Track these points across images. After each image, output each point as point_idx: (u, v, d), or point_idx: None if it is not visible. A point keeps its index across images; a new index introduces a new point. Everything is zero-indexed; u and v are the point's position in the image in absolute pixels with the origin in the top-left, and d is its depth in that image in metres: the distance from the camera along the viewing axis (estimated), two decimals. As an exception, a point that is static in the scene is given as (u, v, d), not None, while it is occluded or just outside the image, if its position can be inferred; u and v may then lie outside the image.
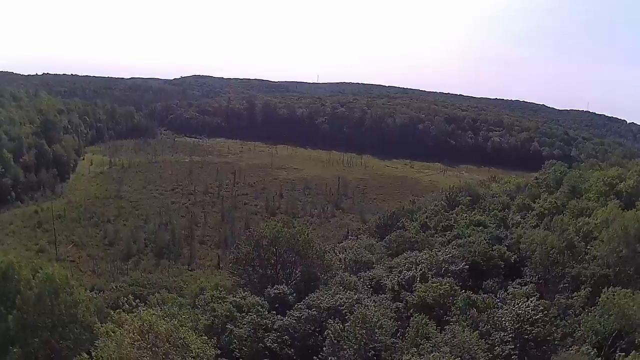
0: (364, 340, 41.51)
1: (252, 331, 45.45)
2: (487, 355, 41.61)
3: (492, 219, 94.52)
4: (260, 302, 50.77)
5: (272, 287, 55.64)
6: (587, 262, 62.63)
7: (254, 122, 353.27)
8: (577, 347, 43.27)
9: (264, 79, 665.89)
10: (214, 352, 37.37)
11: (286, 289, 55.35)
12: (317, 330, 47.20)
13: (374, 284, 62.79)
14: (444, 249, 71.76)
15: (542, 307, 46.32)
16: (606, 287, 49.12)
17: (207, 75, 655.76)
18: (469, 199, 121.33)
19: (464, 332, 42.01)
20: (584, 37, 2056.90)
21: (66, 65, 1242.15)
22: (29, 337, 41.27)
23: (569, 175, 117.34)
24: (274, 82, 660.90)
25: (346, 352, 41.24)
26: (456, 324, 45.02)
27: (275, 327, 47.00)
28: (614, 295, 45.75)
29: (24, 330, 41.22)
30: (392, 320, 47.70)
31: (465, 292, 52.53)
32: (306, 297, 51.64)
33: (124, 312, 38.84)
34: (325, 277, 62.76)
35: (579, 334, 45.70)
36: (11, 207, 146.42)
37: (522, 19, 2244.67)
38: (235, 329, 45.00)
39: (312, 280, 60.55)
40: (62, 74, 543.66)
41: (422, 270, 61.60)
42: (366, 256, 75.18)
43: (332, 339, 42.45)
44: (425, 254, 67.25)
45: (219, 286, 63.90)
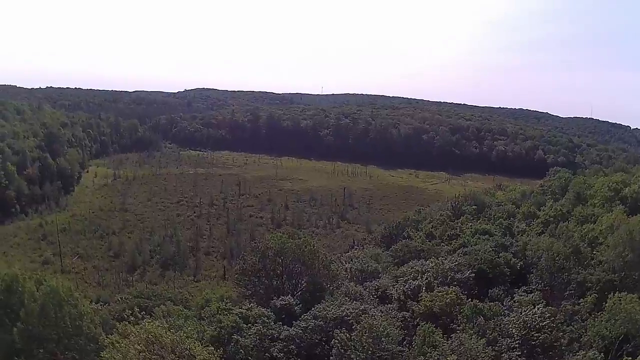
0: (371, 349, 41.33)
1: (258, 341, 45.25)
2: (494, 362, 41.45)
3: (498, 227, 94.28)
4: (266, 313, 50.53)
5: (278, 298, 55.37)
6: (593, 268, 62.45)
7: (258, 134, 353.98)
8: (584, 353, 43.12)
9: (268, 91, 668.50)
10: (220, 363, 37.30)
11: (292, 300, 55.04)
12: (324, 339, 47.01)
13: (380, 293, 62.54)
14: (450, 257, 71.53)
15: (548, 314, 46.17)
16: (612, 293, 48.92)
17: (211, 87, 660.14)
18: (475, 207, 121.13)
19: (471, 339, 41.83)
20: (587, 44, 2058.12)
21: (70, 78, 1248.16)
22: (34, 349, 41.19)
23: (573, 182, 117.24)
24: (278, 94, 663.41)
25: (353, 360, 41.12)
26: (463, 332, 44.83)
27: (281, 337, 46.82)
28: (620, 300, 45.54)
29: (29, 342, 41.17)
30: (399, 329, 47.57)
31: (471, 301, 52.32)
32: (312, 308, 51.44)
33: (130, 324, 38.82)
34: (331, 288, 62.44)
35: (586, 339, 45.53)
36: (15, 220, 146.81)
37: (525, 27, 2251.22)
38: (241, 339, 44.82)
39: (318, 290, 60.27)
40: (65, 87, 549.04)
41: (428, 279, 61.36)
42: (372, 266, 74.92)
43: (339, 348, 42.30)
44: (431, 263, 66.97)
45: (224, 297, 63.83)
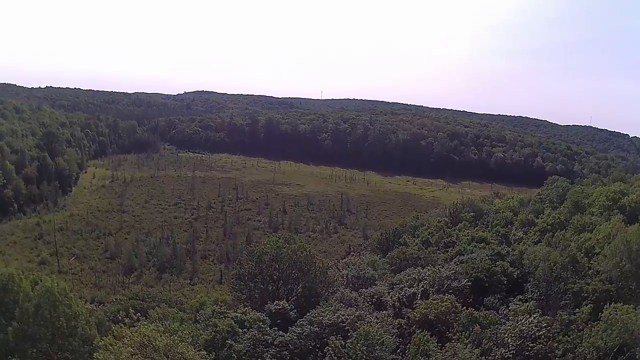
0: (364, 356, 41.17)
1: (252, 347, 45.10)
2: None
3: (495, 235, 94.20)
4: (261, 317, 50.42)
5: (272, 303, 55.27)
6: (589, 278, 62.20)
7: (257, 137, 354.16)
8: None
9: (268, 95, 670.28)
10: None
11: (287, 305, 54.92)
12: (318, 346, 46.84)
13: (375, 300, 62.42)
14: (447, 265, 71.37)
15: (544, 323, 46.00)
16: (608, 303, 48.70)
17: (211, 90, 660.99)
18: (472, 215, 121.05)
19: (465, 349, 41.66)
20: (586, 51, 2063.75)
21: (69, 79, 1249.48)
22: (28, 348, 41.15)
23: (571, 190, 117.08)
24: (277, 98, 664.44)
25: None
26: (458, 341, 44.67)
27: (275, 342, 46.64)
28: (616, 310, 45.33)
29: (23, 341, 41.09)
30: (394, 336, 47.43)
31: (467, 309, 52.16)
32: (307, 313, 51.31)
33: (125, 326, 38.66)
34: (326, 294, 62.36)
35: (581, 350, 45.24)
36: (13, 219, 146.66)
37: (524, 35, 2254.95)
38: (235, 344, 44.66)
39: (313, 296, 60.21)
40: (65, 87, 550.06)
41: (424, 286, 61.27)
42: (368, 272, 74.76)
43: (332, 355, 42.12)
44: (428, 271, 66.84)
45: (219, 301, 63.71)
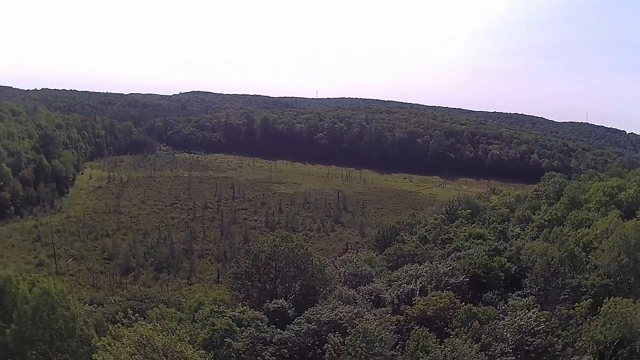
0: (363, 353, 41.11)
1: (251, 345, 44.99)
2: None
3: (492, 231, 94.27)
4: (259, 316, 50.32)
5: (270, 302, 55.20)
6: (587, 273, 62.29)
7: (253, 137, 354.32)
8: (578, 358, 42.99)
9: (263, 95, 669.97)
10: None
11: (285, 303, 54.84)
12: (317, 343, 46.78)
13: (373, 297, 62.45)
14: (444, 261, 71.40)
15: (543, 318, 46.02)
16: (607, 297, 48.76)
17: (206, 91, 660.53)
18: (469, 211, 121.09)
19: (464, 344, 41.63)
20: (583, 48, 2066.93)
21: (66, 80, 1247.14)
22: (27, 350, 41.06)
23: (568, 186, 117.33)
24: (273, 97, 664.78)
25: (345, 365, 40.90)
26: (457, 337, 44.65)
27: (274, 340, 46.56)
28: (615, 304, 45.36)
29: (22, 343, 41.00)
30: (392, 333, 47.40)
31: (465, 305, 52.14)
32: (305, 311, 51.25)
33: (123, 326, 38.62)
34: (324, 291, 62.31)
35: (580, 344, 45.32)
36: (10, 221, 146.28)
37: (520, 32, 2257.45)
38: (233, 342, 44.57)
39: (311, 294, 60.14)
40: (61, 89, 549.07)
41: (422, 283, 61.26)
42: (366, 269, 74.78)
43: (332, 352, 42.08)
44: (425, 267, 66.86)
45: (217, 300, 63.63)
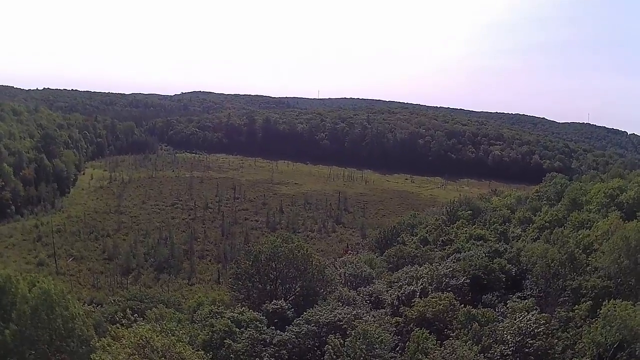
0: (363, 355, 41.04)
1: (250, 346, 44.93)
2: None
3: (493, 232, 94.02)
4: (258, 317, 50.26)
5: (270, 302, 55.11)
6: (588, 274, 62.06)
7: (254, 137, 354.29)
8: (578, 360, 42.87)
9: (265, 95, 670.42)
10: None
11: (285, 304, 54.76)
12: (317, 345, 46.71)
13: (373, 299, 62.35)
14: (445, 263, 71.19)
15: (543, 320, 45.88)
16: (607, 300, 48.57)
17: (208, 91, 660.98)
18: (470, 212, 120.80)
19: (464, 346, 41.53)
20: (584, 49, 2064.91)
21: (67, 80, 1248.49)
22: (26, 350, 41.02)
23: (569, 187, 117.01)
24: (275, 97, 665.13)
25: (345, 366, 40.83)
26: (457, 339, 44.54)
27: (274, 342, 46.49)
28: (615, 307, 45.20)
29: (21, 343, 40.96)
30: (392, 334, 47.33)
31: (465, 307, 52.01)
32: (305, 313, 51.17)
33: (122, 327, 38.57)
34: (324, 292, 62.23)
35: (580, 346, 45.16)
36: (11, 221, 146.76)
37: (523, 32, 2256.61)
38: (233, 343, 44.53)
39: (311, 295, 60.05)
40: (62, 89, 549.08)
41: (422, 284, 61.14)
42: (366, 271, 74.63)
43: (332, 354, 42.00)
44: (425, 269, 66.72)
45: (216, 301, 63.61)
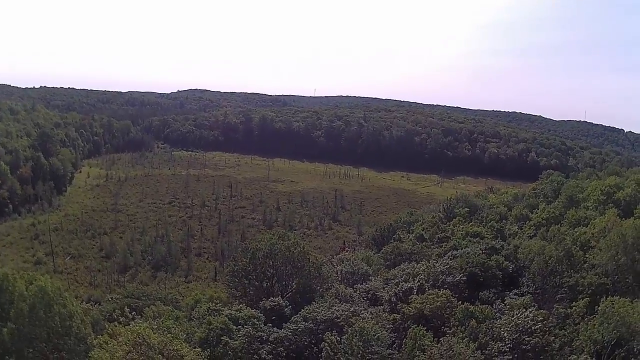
0: (361, 352, 41.07)
1: (247, 343, 44.95)
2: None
3: (489, 229, 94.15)
4: (256, 314, 50.28)
5: (267, 300, 55.14)
6: (585, 271, 62.21)
7: (251, 135, 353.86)
8: (576, 357, 42.89)
9: (261, 93, 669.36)
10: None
11: (282, 302, 54.83)
12: (313, 342, 46.75)
13: (370, 296, 62.39)
14: (442, 260, 71.22)
15: (540, 317, 45.97)
16: (605, 296, 48.70)
17: (204, 89, 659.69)
18: (466, 210, 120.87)
19: (461, 343, 41.57)
20: (582, 48, 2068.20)
21: (64, 78, 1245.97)
22: (24, 348, 40.96)
23: (566, 185, 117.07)
24: (271, 95, 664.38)
25: (342, 363, 40.87)
26: (454, 336, 44.57)
27: (271, 339, 46.51)
28: (612, 304, 45.30)
29: (19, 341, 40.89)
30: (389, 331, 47.37)
31: (462, 304, 52.05)
32: (302, 310, 51.20)
33: (120, 324, 38.58)
34: (321, 290, 62.28)
35: (578, 343, 45.24)
36: (8, 219, 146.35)
37: (520, 31, 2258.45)
38: (230, 341, 44.53)
39: (308, 292, 60.10)
40: (59, 87, 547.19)
41: (419, 281, 61.20)
42: (363, 268, 74.66)
43: (329, 351, 42.05)
44: (422, 266, 66.81)
45: (214, 298, 63.58)
